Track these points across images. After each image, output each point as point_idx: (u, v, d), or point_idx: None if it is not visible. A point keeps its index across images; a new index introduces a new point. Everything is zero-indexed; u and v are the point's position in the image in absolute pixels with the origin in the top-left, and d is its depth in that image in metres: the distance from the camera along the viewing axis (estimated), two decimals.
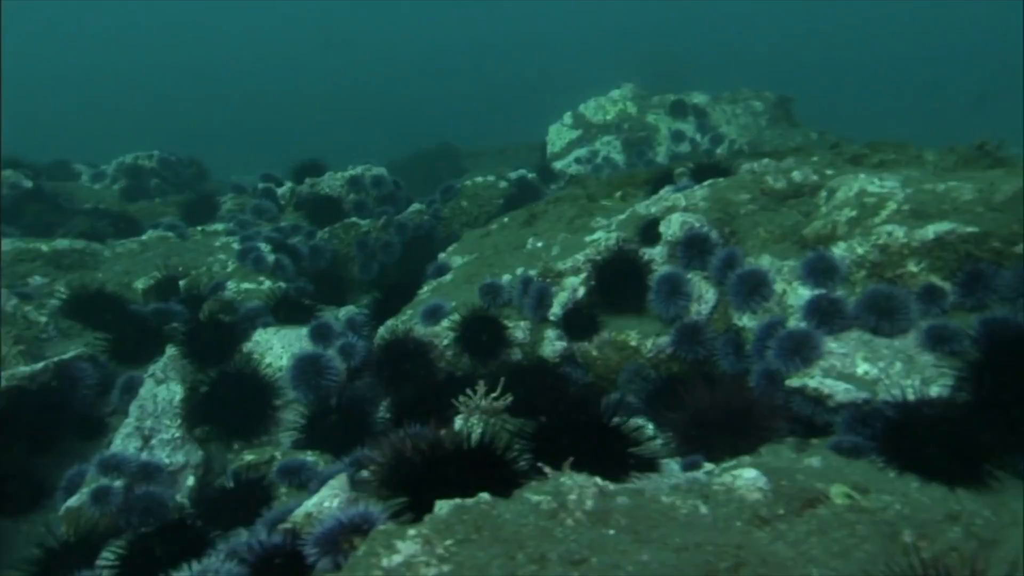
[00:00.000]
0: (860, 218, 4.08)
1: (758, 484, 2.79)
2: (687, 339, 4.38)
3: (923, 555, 2.47)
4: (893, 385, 3.57)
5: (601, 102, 12.78)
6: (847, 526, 2.64)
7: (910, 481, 3.03)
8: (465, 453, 3.00)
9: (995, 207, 3.80)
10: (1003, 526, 2.74)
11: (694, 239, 4.54)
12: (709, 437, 3.55)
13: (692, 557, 2.26)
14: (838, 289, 4.00)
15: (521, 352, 4.82)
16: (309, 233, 8.65)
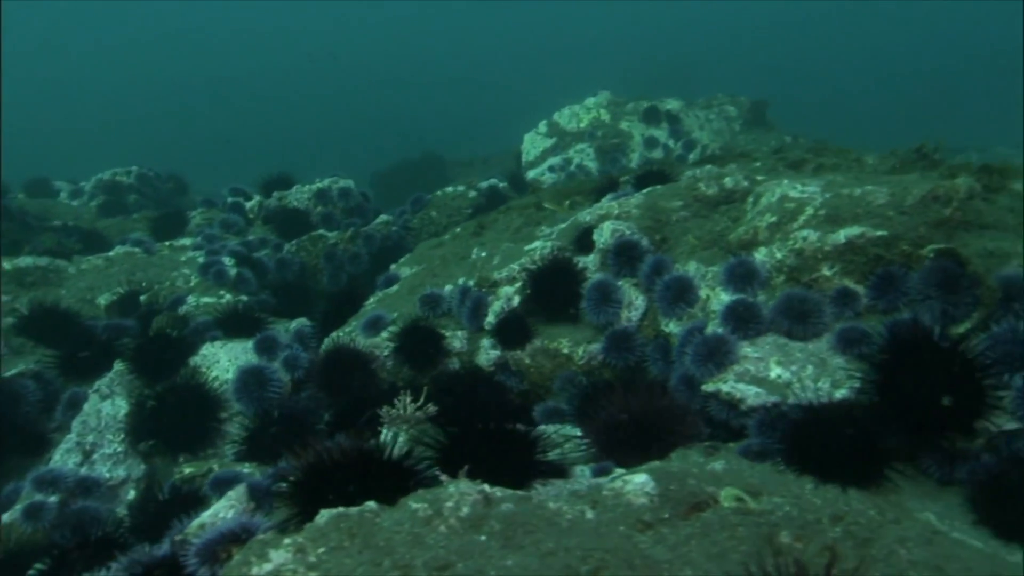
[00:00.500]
0: (780, 223, 4.13)
1: (646, 489, 2.84)
2: (617, 346, 4.43)
3: (795, 556, 2.52)
4: (804, 388, 3.62)
5: (575, 110, 12.86)
6: (729, 528, 2.68)
7: (806, 483, 3.08)
8: (369, 463, 3.06)
9: (905, 211, 3.85)
10: (883, 524, 2.78)
11: (624, 247, 4.60)
12: (623, 443, 3.59)
13: (555, 561, 2.30)
14: (759, 294, 4.05)
15: (459, 361, 4.87)
16: (277, 246, 8.72)
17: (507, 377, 4.71)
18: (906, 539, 2.69)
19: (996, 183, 3.97)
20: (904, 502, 3.10)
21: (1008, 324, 3.36)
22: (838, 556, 2.56)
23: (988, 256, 3.62)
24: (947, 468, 3.33)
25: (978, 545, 2.91)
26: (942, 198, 3.79)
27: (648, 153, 12.01)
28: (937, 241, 3.70)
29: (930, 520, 3.00)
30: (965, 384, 3.21)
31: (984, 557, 2.78)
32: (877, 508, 2.93)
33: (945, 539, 2.81)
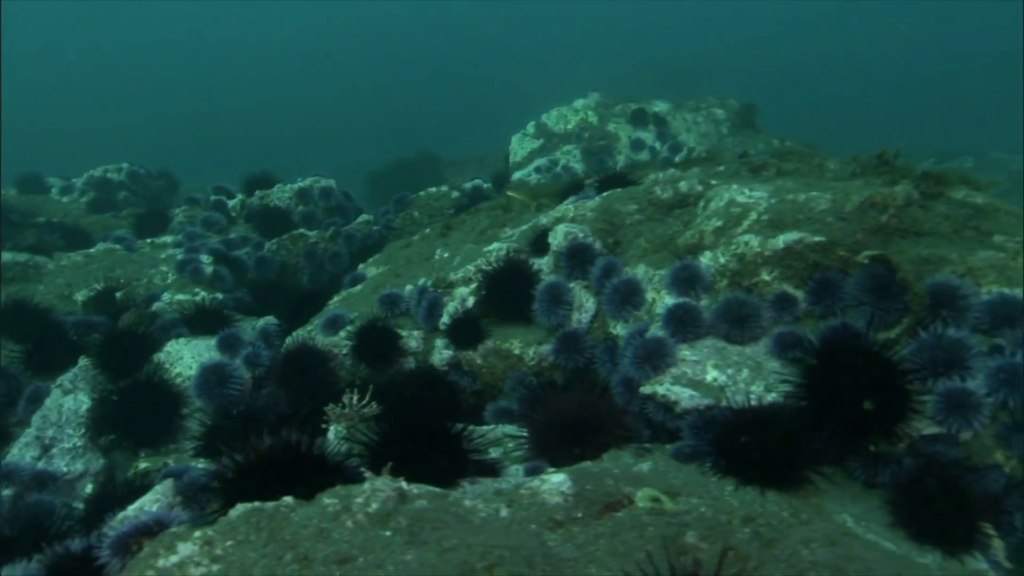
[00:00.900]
0: (725, 228, 4.18)
1: (561, 489, 2.90)
2: (567, 347, 4.49)
3: (697, 555, 2.58)
4: (739, 391, 3.67)
5: (563, 112, 12.91)
6: (639, 528, 2.73)
7: (728, 485, 3.13)
8: (298, 460, 3.13)
9: (844, 217, 3.89)
10: (792, 526, 2.83)
11: (576, 249, 4.65)
12: (557, 443, 3.65)
13: (454, 557, 2.36)
14: (703, 298, 4.10)
15: (415, 360, 4.93)
16: (257, 244, 8.81)
17: (460, 377, 4.77)
18: (811, 540, 2.74)
19: (934, 190, 4.00)
20: (824, 504, 3.15)
21: (935, 330, 3.41)
22: (741, 557, 2.62)
23: (922, 263, 3.67)
24: (872, 471, 3.39)
25: (890, 547, 2.96)
26: (879, 205, 3.83)
27: (634, 155, 12.05)
28: (873, 247, 3.75)
29: (846, 522, 3.04)
30: (889, 389, 3.27)
31: (891, 558, 2.82)
32: (792, 510, 2.98)
33: (855, 540, 2.86)
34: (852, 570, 2.65)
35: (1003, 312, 3.46)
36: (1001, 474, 3.28)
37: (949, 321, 3.47)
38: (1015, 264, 3.59)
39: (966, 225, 3.80)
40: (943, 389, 3.24)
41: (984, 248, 3.69)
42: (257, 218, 9.10)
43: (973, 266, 3.61)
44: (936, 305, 3.52)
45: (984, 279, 3.59)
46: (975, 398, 3.19)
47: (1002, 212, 3.87)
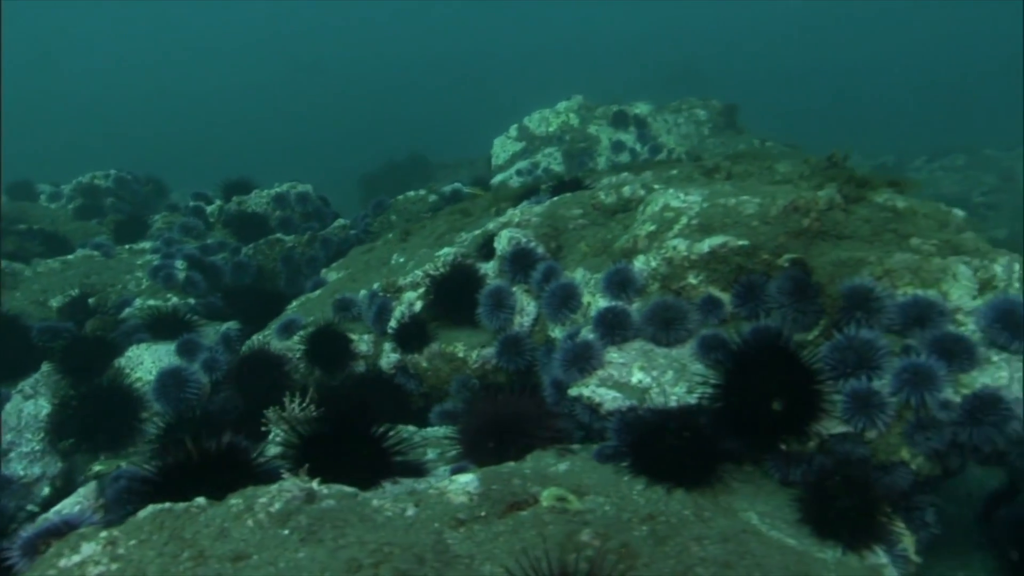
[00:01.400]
0: (658, 232, 4.27)
1: (468, 488, 2.99)
2: (509, 350, 4.58)
3: (587, 552, 2.67)
4: (662, 393, 3.76)
5: (545, 114, 13.00)
6: (539, 526, 2.83)
7: (638, 484, 3.21)
8: (223, 462, 3.24)
9: (769, 221, 3.97)
10: (690, 523, 2.92)
11: (519, 254, 4.74)
12: (484, 444, 3.74)
13: (344, 554, 2.46)
14: (635, 301, 4.19)
15: (365, 364, 5.04)
16: (234, 249, 8.93)
17: (407, 379, 4.87)
18: (704, 537, 2.83)
19: (857, 194, 4.08)
20: (733, 502, 3.24)
21: (848, 332, 3.49)
22: (631, 553, 2.71)
23: (841, 265, 3.74)
24: (785, 470, 3.47)
25: (791, 543, 3.04)
26: (802, 209, 3.91)
27: (615, 157, 12.13)
28: (795, 251, 3.83)
29: (751, 519, 3.13)
30: (799, 390, 3.35)
31: (787, 553, 2.91)
32: (696, 508, 3.07)
33: (753, 537, 2.94)
34: (741, 565, 2.74)
35: (915, 313, 3.53)
36: (908, 471, 3.36)
37: (862, 322, 3.55)
38: (929, 266, 3.66)
39: (885, 228, 3.88)
40: (850, 389, 3.32)
41: (901, 250, 3.76)
42: (235, 223, 9.23)
43: (890, 268, 3.69)
44: (851, 307, 3.60)
45: (900, 281, 3.67)
46: (879, 397, 3.27)
47: (920, 215, 3.95)
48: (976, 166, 19.85)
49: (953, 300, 3.58)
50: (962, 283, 3.60)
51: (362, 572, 2.38)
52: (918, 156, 21.67)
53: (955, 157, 20.75)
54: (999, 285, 3.60)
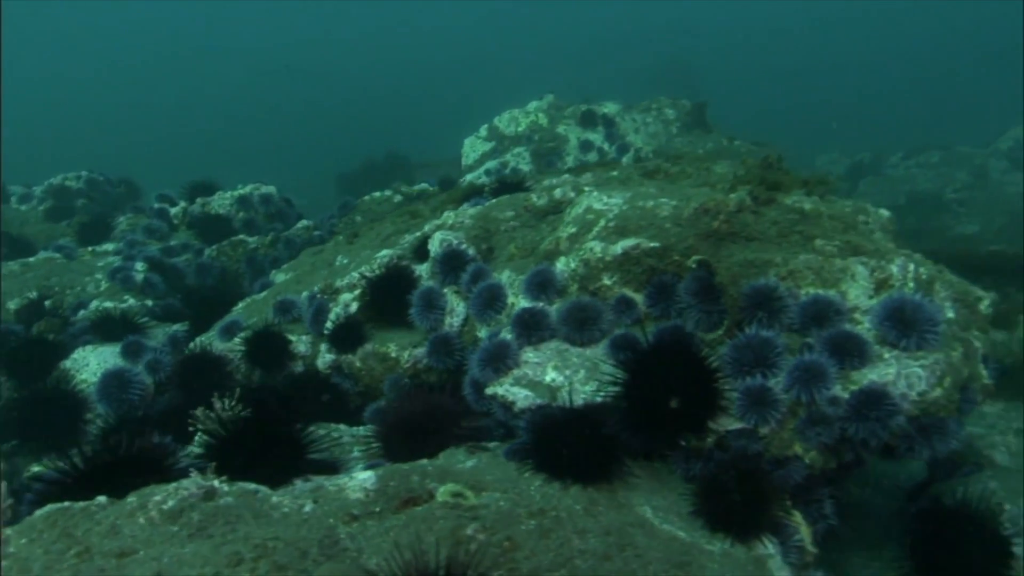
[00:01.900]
0: (578, 234, 4.37)
1: (365, 485, 3.10)
2: (439, 350, 4.68)
3: (471, 545, 2.78)
4: (573, 391, 3.87)
5: (515, 114, 13.10)
6: (430, 521, 2.93)
7: (537, 480, 3.32)
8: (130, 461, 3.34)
9: (681, 223, 4.08)
10: (578, 517, 3.03)
11: (450, 256, 4.85)
12: (400, 442, 3.85)
13: (227, 548, 2.56)
14: (556, 301, 4.29)
15: (304, 364, 5.13)
16: (198, 251, 9.02)
17: (342, 379, 4.97)
18: (587, 531, 2.94)
19: (768, 196, 4.19)
20: (631, 497, 3.34)
21: (747, 332, 3.60)
22: (514, 545, 2.82)
23: (748, 266, 3.85)
24: (686, 465, 3.58)
25: (681, 535, 3.15)
26: (712, 211, 4.02)
27: (583, 156, 12.24)
28: (704, 252, 3.94)
29: (644, 513, 3.24)
30: (698, 388, 3.46)
31: (673, 545, 3.02)
32: (589, 503, 3.17)
33: (640, 530, 3.05)
34: (619, 557, 2.85)
35: (813, 312, 3.65)
36: (802, 464, 3.47)
37: (763, 322, 3.67)
38: (830, 266, 3.78)
39: (792, 230, 3.99)
40: (744, 387, 3.43)
41: (806, 252, 3.88)
42: (199, 225, 9.30)
43: (794, 269, 3.81)
44: (754, 306, 3.71)
45: (803, 281, 3.78)
46: (771, 395, 3.38)
47: (825, 217, 4.06)
48: (950, 163, 20.03)
49: (851, 299, 3.70)
50: (860, 283, 3.72)
51: (242, 566, 2.48)
52: (895, 153, 21.84)
53: (930, 154, 20.92)
54: (895, 284, 3.71)
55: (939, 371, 3.42)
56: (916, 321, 3.50)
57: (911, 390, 3.38)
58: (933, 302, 3.64)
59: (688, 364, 3.50)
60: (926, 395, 3.38)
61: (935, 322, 3.51)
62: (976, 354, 3.69)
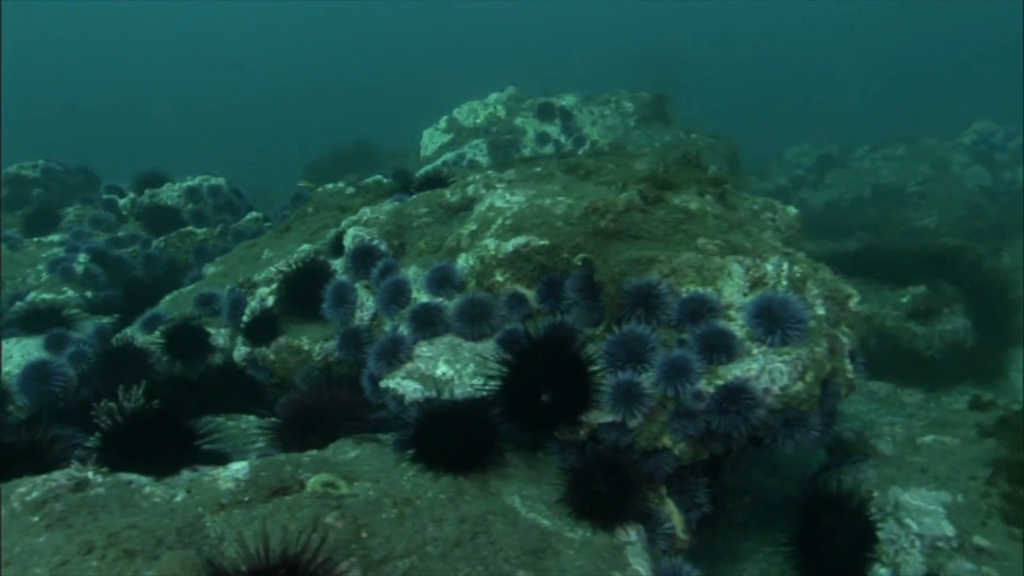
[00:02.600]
0: (478, 231, 4.49)
1: (237, 476, 3.22)
2: (349, 343, 4.78)
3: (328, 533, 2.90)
4: (462, 384, 3.99)
5: (474, 106, 13.16)
6: (295, 510, 3.05)
7: (411, 470, 3.45)
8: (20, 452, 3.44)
9: (572, 221, 4.21)
10: (439, 505, 3.16)
11: (361, 251, 4.95)
12: (292, 433, 3.97)
13: (81, 537, 2.67)
14: (455, 297, 4.41)
15: (223, 357, 5.23)
16: (145, 242, 9.06)
17: (257, 372, 5.08)
18: (443, 519, 3.08)
19: (656, 196, 4.32)
20: (502, 487, 3.48)
21: (625, 328, 3.74)
22: (372, 534, 2.95)
23: (633, 263, 3.98)
24: (562, 456, 3.72)
25: (544, 524, 3.30)
26: (601, 210, 4.15)
27: (539, 149, 12.34)
28: (591, 250, 4.07)
29: (512, 502, 3.38)
30: (572, 382, 3.60)
31: (532, 533, 3.16)
32: (456, 492, 3.31)
33: (500, 518, 3.19)
34: (471, 544, 2.99)
35: (690, 310, 3.79)
36: (672, 456, 3.62)
37: (642, 318, 3.80)
38: (710, 264, 3.92)
39: (678, 229, 4.13)
40: (615, 381, 3.57)
41: (689, 250, 4.01)
42: (147, 216, 9.34)
43: (677, 267, 3.94)
44: (634, 303, 3.85)
45: (684, 279, 3.92)
46: (639, 389, 3.52)
47: (709, 216, 4.20)
48: (915, 156, 20.26)
49: (726, 297, 3.84)
50: (735, 281, 3.86)
51: (92, 554, 2.60)
52: (862, 146, 22.05)
53: (896, 147, 21.15)
54: (769, 283, 3.86)
55: (801, 366, 3.57)
56: (782, 318, 3.64)
57: (774, 384, 3.53)
58: (802, 299, 3.79)
59: (564, 359, 3.64)
60: (788, 389, 3.54)
61: (801, 319, 3.66)
62: (843, 349, 3.84)
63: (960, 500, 3.80)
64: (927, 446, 4.53)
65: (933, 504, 3.77)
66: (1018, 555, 3.45)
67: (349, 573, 2.74)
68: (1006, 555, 3.45)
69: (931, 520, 3.68)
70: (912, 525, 3.71)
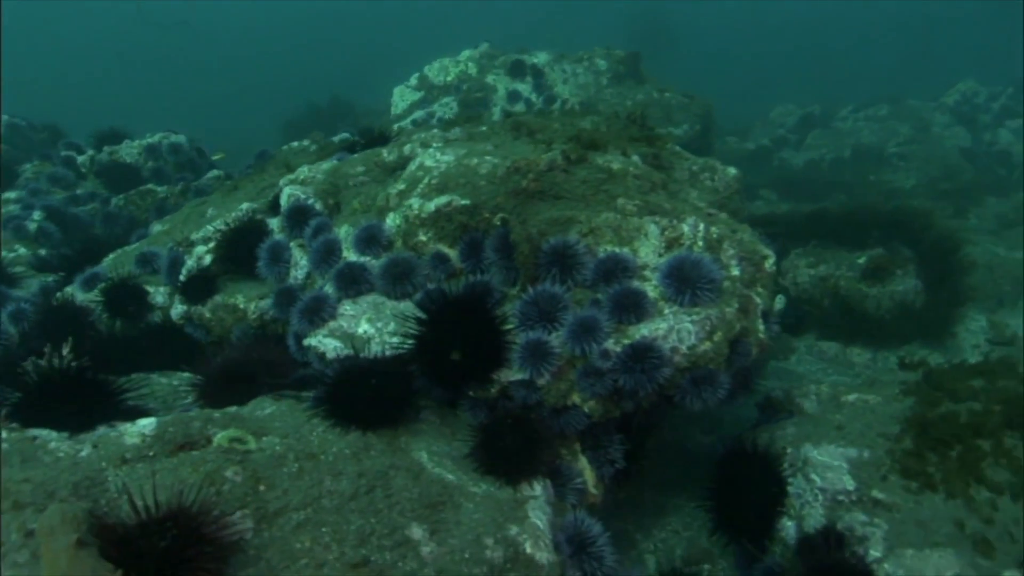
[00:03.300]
0: (406, 191, 4.49)
1: (143, 431, 3.27)
2: (283, 302, 4.80)
3: (225, 486, 2.97)
4: (382, 342, 4.04)
5: (445, 63, 12.98)
6: (197, 464, 3.11)
7: (320, 426, 3.50)
8: None
9: (495, 180, 4.21)
10: (343, 460, 3.23)
11: (296, 210, 4.95)
12: (215, 390, 4.02)
13: None
14: (383, 256, 4.43)
15: (162, 315, 5.26)
16: (105, 200, 9.01)
17: (195, 330, 5.11)
18: (343, 473, 3.15)
19: (580, 156, 4.32)
20: (412, 442, 3.54)
21: (538, 288, 3.77)
22: (270, 486, 3.02)
23: (553, 223, 4.00)
24: (473, 413, 3.79)
25: (449, 478, 3.37)
26: (522, 170, 4.15)
27: (510, 107, 12.22)
28: (512, 210, 4.08)
29: (420, 457, 3.45)
30: (483, 341, 3.64)
31: (433, 487, 3.23)
32: (362, 447, 3.37)
33: (402, 472, 3.26)
34: (366, 497, 3.06)
35: (605, 270, 3.82)
36: (582, 413, 3.69)
37: (557, 278, 3.84)
38: (628, 225, 3.94)
39: (599, 189, 4.13)
40: (525, 340, 3.61)
41: (608, 210, 4.03)
42: (106, 174, 9.27)
43: (596, 226, 3.96)
44: (551, 263, 3.87)
45: (603, 239, 3.95)
46: (547, 347, 3.57)
47: (630, 176, 4.20)
48: (898, 116, 20.17)
49: (642, 257, 3.87)
50: (651, 241, 3.89)
51: None
52: (846, 106, 21.90)
53: (879, 107, 21.03)
54: (685, 243, 3.89)
55: (709, 326, 3.62)
56: (693, 278, 3.68)
57: (681, 344, 3.59)
58: (716, 260, 3.82)
59: (477, 318, 3.68)
60: (695, 348, 3.59)
61: (712, 279, 3.70)
62: (756, 310, 3.89)
63: (866, 456, 3.90)
64: (849, 404, 4.62)
65: (838, 460, 3.86)
66: (911, 506, 3.55)
67: (241, 524, 2.81)
68: (899, 507, 3.55)
69: (834, 475, 3.78)
70: (816, 480, 3.81)
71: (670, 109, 12.41)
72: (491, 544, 3.03)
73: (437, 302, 3.89)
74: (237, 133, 23.72)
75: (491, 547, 3.02)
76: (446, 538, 3.01)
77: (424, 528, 3.01)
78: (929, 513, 3.54)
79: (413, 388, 3.66)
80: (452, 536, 3.03)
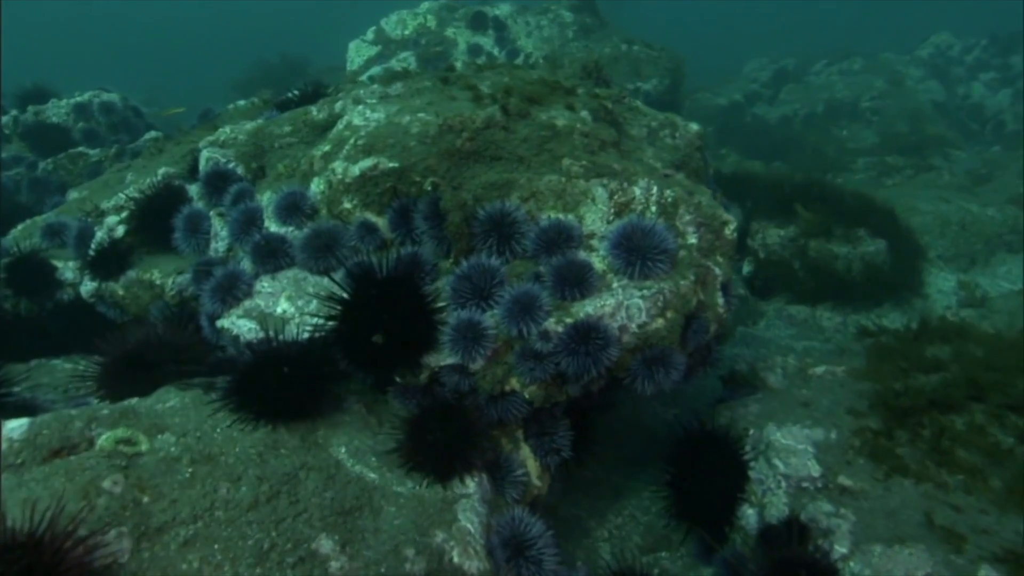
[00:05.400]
0: (331, 153, 4.04)
1: (12, 435, 2.86)
2: (203, 277, 4.35)
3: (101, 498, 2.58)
4: (302, 323, 3.63)
5: (403, 15, 12.33)
6: (72, 473, 2.70)
7: (226, 421, 3.11)
8: None
9: (427, 140, 3.77)
10: (246, 462, 2.85)
11: (214, 175, 4.48)
12: (119, 378, 3.60)
13: None
14: (306, 226, 3.99)
15: (72, 293, 4.79)
16: (31, 164, 8.39)
17: (107, 309, 4.66)
18: (242, 478, 2.77)
19: (523, 110, 3.89)
20: (331, 437, 3.17)
21: (473, 260, 3.37)
22: (158, 496, 2.63)
23: (490, 187, 3.59)
24: (403, 401, 3.42)
25: (371, 477, 3.01)
26: (456, 128, 3.72)
27: (471, 61, 11.62)
28: (445, 173, 3.65)
29: (338, 454, 3.08)
30: (411, 321, 3.25)
31: (349, 489, 2.87)
32: (271, 445, 2.99)
33: (313, 473, 2.89)
34: (268, 506, 2.69)
35: (546, 239, 3.43)
36: (522, 400, 3.33)
37: (494, 249, 3.44)
38: (573, 188, 3.54)
39: (543, 148, 3.72)
40: (456, 320, 3.23)
41: (552, 172, 3.62)
42: (32, 136, 8.63)
43: (537, 190, 3.56)
44: (487, 233, 3.48)
45: (545, 204, 3.55)
46: (480, 328, 3.19)
47: (577, 134, 3.79)
48: (871, 70, 19.81)
49: (588, 225, 3.49)
50: (599, 207, 3.50)
51: None
52: (820, 60, 21.47)
53: (853, 61, 20.65)
54: (636, 208, 3.50)
55: (662, 301, 3.26)
56: (644, 248, 3.31)
57: (630, 322, 3.23)
58: (670, 228, 3.45)
59: (404, 296, 3.28)
60: (646, 327, 3.23)
61: (665, 249, 3.33)
62: (714, 281, 3.54)
63: (833, 437, 3.60)
64: (817, 378, 4.32)
65: (803, 443, 3.56)
66: (879, 493, 3.27)
67: (115, 545, 2.43)
68: (867, 494, 3.26)
69: (798, 460, 3.48)
70: (779, 465, 3.51)
71: (638, 63, 11.90)
72: (412, 556, 2.68)
73: (359, 278, 3.48)
74: (190, 93, 22.75)
75: (411, 559, 2.67)
76: (360, 550, 2.65)
77: (335, 539, 2.65)
78: (898, 500, 3.26)
79: (334, 375, 3.28)
80: (368, 547, 2.67)
